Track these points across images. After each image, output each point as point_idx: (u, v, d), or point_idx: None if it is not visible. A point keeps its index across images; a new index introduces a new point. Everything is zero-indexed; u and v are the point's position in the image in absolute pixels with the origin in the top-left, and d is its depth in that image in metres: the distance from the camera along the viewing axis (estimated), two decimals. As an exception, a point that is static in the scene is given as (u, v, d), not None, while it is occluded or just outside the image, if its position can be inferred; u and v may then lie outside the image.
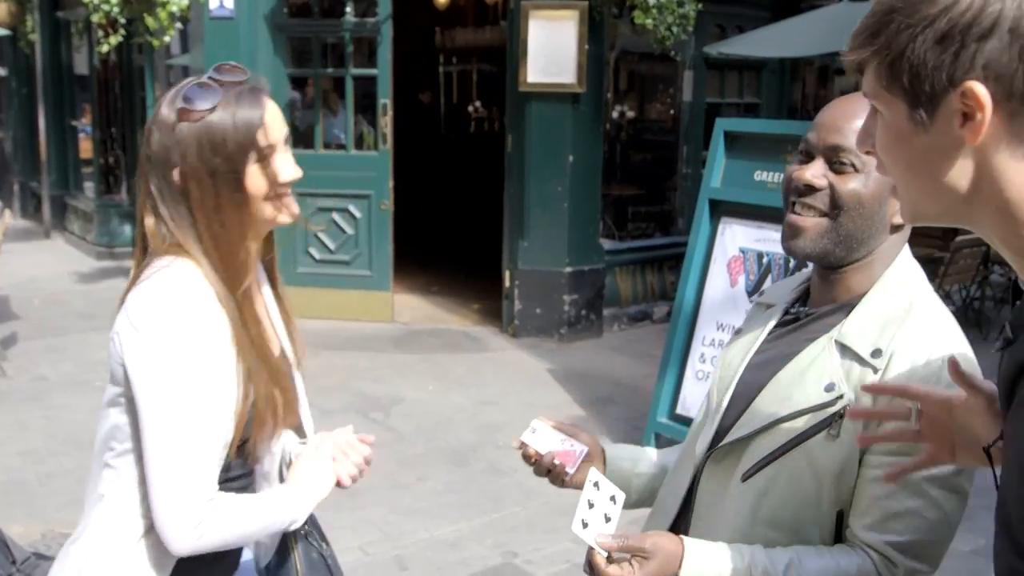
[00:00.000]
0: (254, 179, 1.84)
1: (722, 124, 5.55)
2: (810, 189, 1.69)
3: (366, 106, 8.84)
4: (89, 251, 11.79)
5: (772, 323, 1.85)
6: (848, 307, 1.72)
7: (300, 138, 8.85)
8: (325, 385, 6.93)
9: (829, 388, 1.63)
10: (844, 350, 1.66)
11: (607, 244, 8.67)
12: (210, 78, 1.83)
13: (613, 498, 1.69)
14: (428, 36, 14.20)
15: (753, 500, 1.68)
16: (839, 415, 1.61)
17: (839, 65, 11.73)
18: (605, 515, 1.66)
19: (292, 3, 8.69)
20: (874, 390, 1.52)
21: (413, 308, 9.22)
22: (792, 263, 4.93)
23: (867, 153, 1.21)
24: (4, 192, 15.55)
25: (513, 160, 8.29)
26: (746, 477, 1.69)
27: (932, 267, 8.13)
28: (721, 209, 5.43)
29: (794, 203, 1.72)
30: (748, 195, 5.31)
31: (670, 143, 9.68)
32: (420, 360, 7.72)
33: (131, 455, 1.85)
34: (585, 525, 1.63)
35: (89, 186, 12.52)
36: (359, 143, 8.91)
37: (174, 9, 7.71)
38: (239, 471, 1.95)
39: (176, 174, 1.81)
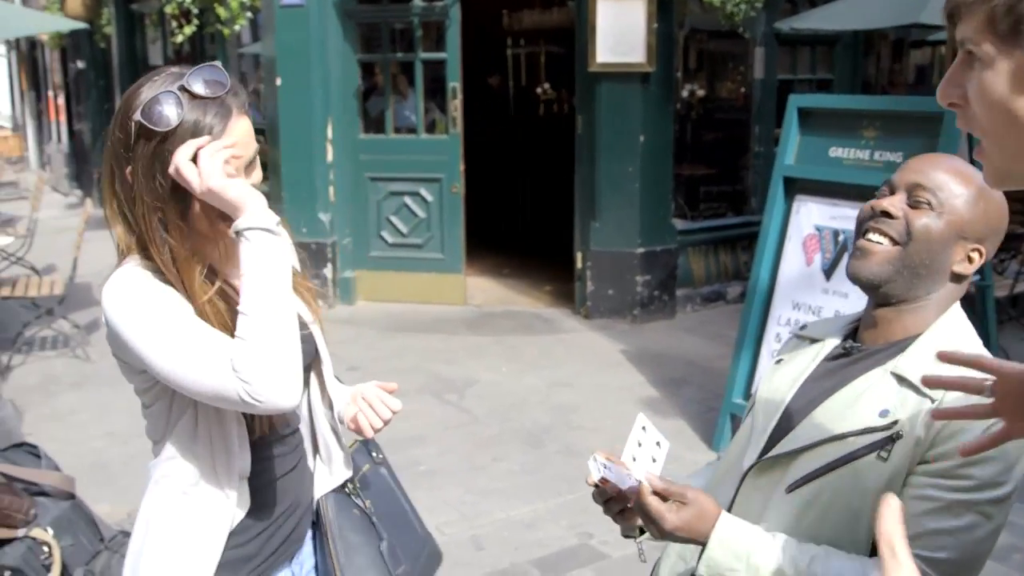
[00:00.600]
0: (206, 204, 1.78)
1: (795, 100, 5.47)
2: (886, 215, 1.79)
3: (436, 90, 8.87)
4: (167, 239, 11.98)
5: (822, 356, 1.92)
6: (901, 346, 1.79)
7: (371, 123, 8.92)
8: (399, 367, 6.99)
9: (883, 414, 1.70)
10: (900, 380, 1.73)
11: (679, 224, 8.62)
12: (181, 87, 1.76)
13: (659, 443, 1.76)
14: (495, 19, 14.18)
15: (796, 512, 1.74)
16: (892, 439, 1.67)
17: (915, 37, 11.52)
18: (652, 457, 1.72)
19: (361, -11, 8.75)
20: (948, 359, 1.51)
21: (485, 290, 9.26)
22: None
23: (950, 105, 1.14)
24: (84, 182, 15.89)
25: (583, 141, 8.27)
26: (791, 489, 1.75)
27: (1014, 244, 7.95)
28: (796, 187, 5.36)
29: (866, 230, 1.82)
30: (823, 172, 5.23)
31: (742, 121, 9.58)
32: (493, 342, 7.75)
33: (164, 441, 1.91)
34: (634, 460, 1.69)
35: (166, 174, 12.71)
36: (430, 127, 8.95)
37: (244, -1, 7.80)
38: (274, 448, 2.00)
39: (128, 173, 1.79)
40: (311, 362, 2.08)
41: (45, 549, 3.60)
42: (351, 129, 8.70)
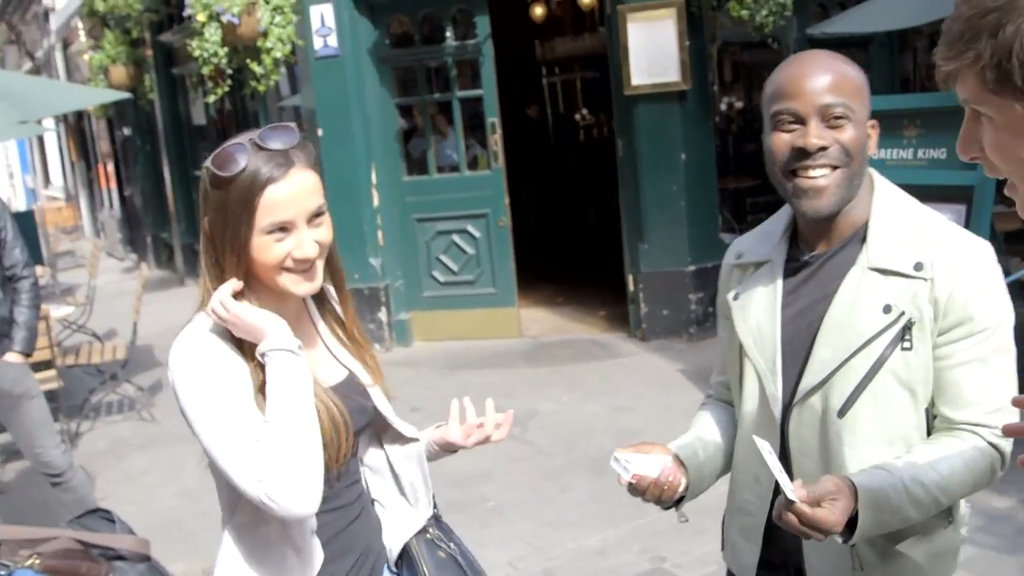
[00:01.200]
0: (263, 251, 1.85)
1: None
2: (821, 150, 1.82)
3: (475, 126, 8.94)
4: (222, 295, 12.14)
5: (779, 277, 1.97)
6: (857, 238, 1.88)
7: (414, 165, 9.00)
8: (460, 405, 7.00)
9: (887, 309, 1.80)
10: (884, 273, 1.82)
11: (728, 238, 8.56)
12: (251, 141, 1.85)
13: (771, 451, 1.77)
14: (528, 50, 14.27)
15: (859, 429, 1.83)
16: (907, 327, 1.79)
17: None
18: (779, 468, 1.74)
19: (394, 34, 8.85)
20: (1014, 432, 1.50)
21: (540, 321, 9.26)
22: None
23: (972, 159, 1.20)
24: (138, 246, 16.18)
25: (625, 164, 8.27)
26: (843, 412, 1.83)
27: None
28: (840, 192, 5.31)
29: (795, 170, 1.84)
30: (867, 175, 5.19)
31: (783, 130, 9.51)
32: (552, 372, 7.75)
33: (236, 504, 1.95)
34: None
35: (217, 232, 12.95)
36: (472, 164, 9.01)
37: (278, 55, 7.91)
38: (338, 500, 2.02)
39: (205, 223, 1.89)
40: (368, 422, 2.10)
41: (126, 612, 3.64)
42: (395, 172, 8.79)
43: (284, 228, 1.84)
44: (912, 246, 1.82)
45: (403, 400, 7.10)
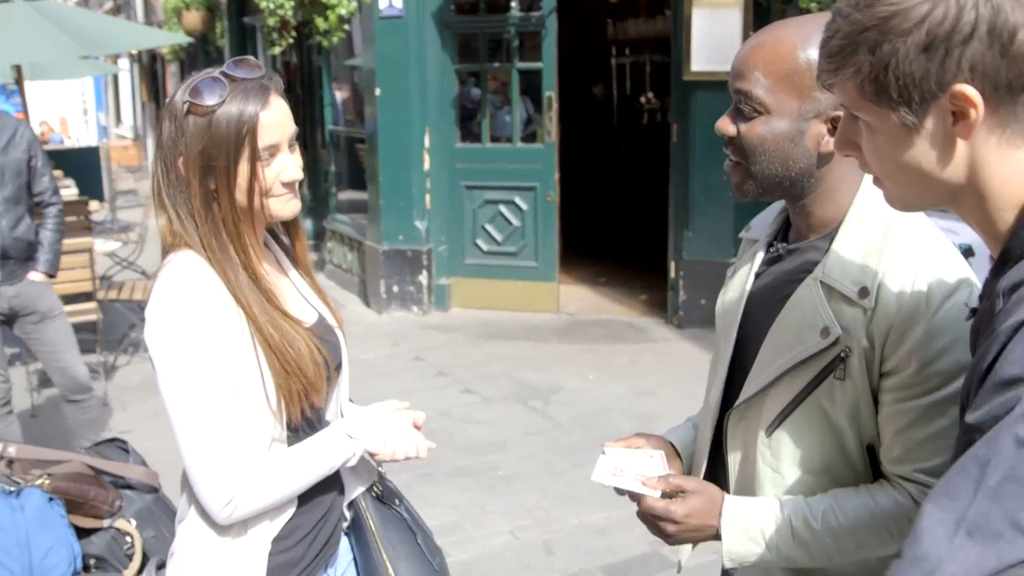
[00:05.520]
0: (250, 176, 1.88)
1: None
2: (728, 138, 1.68)
3: (533, 99, 8.93)
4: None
5: (759, 260, 1.83)
6: (827, 239, 1.68)
7: (468, 132, 9.03)
8: (488, 373, 7.06)
9: (825, 333, 1.61)
10: (830, 291, 1.62)
11: (775, 234, 8.49)
12: (222, 73, 1.88)
13: (651, 456, 1.77)
14: (600, 28, 14.21)
15: (782, 451, 1.69)
16: (840, 358, 1.60)
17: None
18: (648, 456, 1.75)
19: (459, 0, 8.87)
20: None
21: (579, 299, 9.27)
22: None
23: (847, 155, 1.28)
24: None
25: (678, 150, 8.24)
26: (770, 432, 1.70)
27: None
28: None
29: None
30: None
31: (842, 129, 9.40)
32: (582, 350, 7.77)
33: None
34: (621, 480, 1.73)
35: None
36: (526, 136, 9.01)
37: (342, 12, 7.97)
38: (309, 432, 2.03)
39: (180, 163, 1.88)
40: (338, 365, 2.11)
41: (128, 539, 3.74)
42: (448, 138, 8.83)
43: (271, 153, 1.89)
44: (865, 263, 1.60)
45: (432, 364, 7.21)
